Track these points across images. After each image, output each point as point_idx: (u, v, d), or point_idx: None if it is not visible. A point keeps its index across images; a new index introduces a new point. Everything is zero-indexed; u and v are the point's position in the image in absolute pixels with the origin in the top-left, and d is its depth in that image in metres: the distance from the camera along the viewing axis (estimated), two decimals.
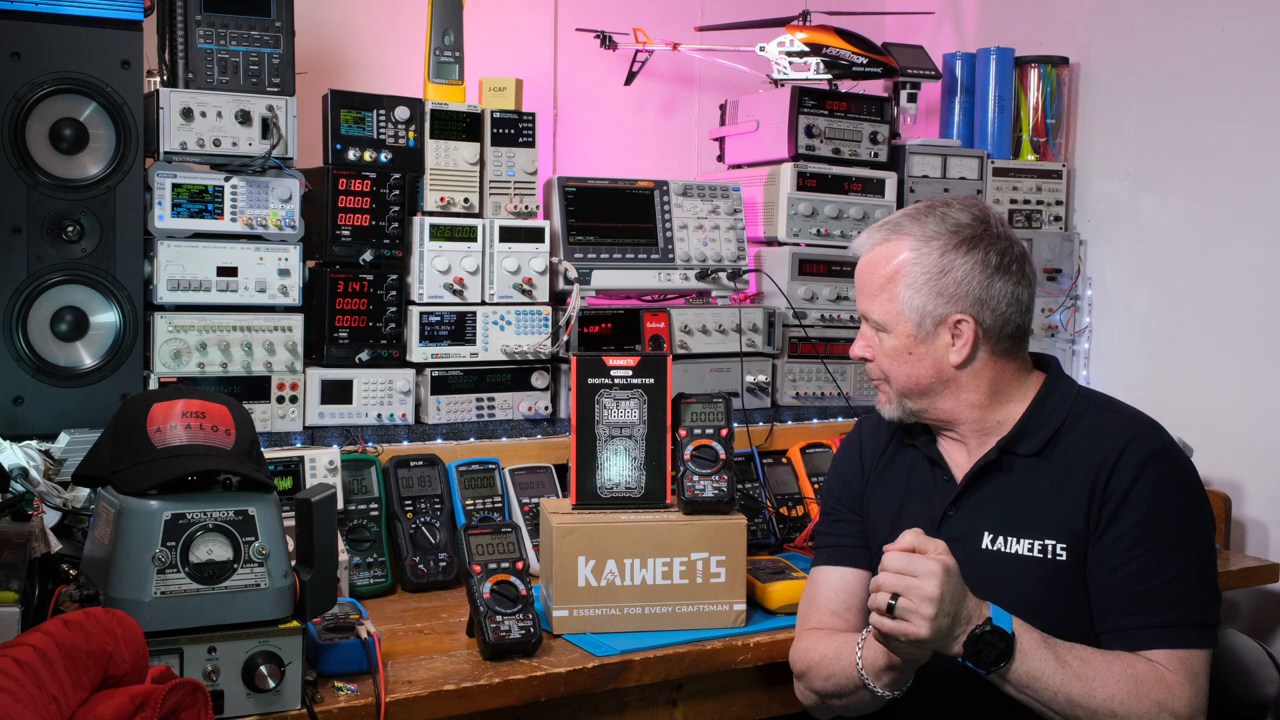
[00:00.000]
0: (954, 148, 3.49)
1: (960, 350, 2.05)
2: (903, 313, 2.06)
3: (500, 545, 2.19)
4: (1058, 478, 2.02)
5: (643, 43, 3.45)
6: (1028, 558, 2.00)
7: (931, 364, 2.07)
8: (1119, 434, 2.01)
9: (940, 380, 2.08)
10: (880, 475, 2.23)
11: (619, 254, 3.01)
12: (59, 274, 2.45)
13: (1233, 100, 3.21)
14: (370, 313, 2.78)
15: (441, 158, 2.84)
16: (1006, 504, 2.04)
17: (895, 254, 2.07)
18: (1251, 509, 3.14)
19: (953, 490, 2.09)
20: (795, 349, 3.20)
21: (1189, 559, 1.95)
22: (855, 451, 2.29)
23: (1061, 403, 2.08)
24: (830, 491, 2.31)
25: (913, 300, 2.05)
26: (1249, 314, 3.17)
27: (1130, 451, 1.98)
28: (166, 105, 2.55)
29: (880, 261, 2.09)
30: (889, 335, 2.09)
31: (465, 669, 2.07)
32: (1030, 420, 2.07)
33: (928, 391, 2.09)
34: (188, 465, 1.83)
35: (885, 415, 2.16)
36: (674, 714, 2.27)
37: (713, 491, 2.32)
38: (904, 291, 2.06)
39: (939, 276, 2.05)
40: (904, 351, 2.08)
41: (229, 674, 1.81)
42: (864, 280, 2.12)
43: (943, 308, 2.05)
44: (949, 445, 2.15)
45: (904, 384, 2.10)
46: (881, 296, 2.08)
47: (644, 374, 2.37)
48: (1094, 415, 2.07)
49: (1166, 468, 1.99)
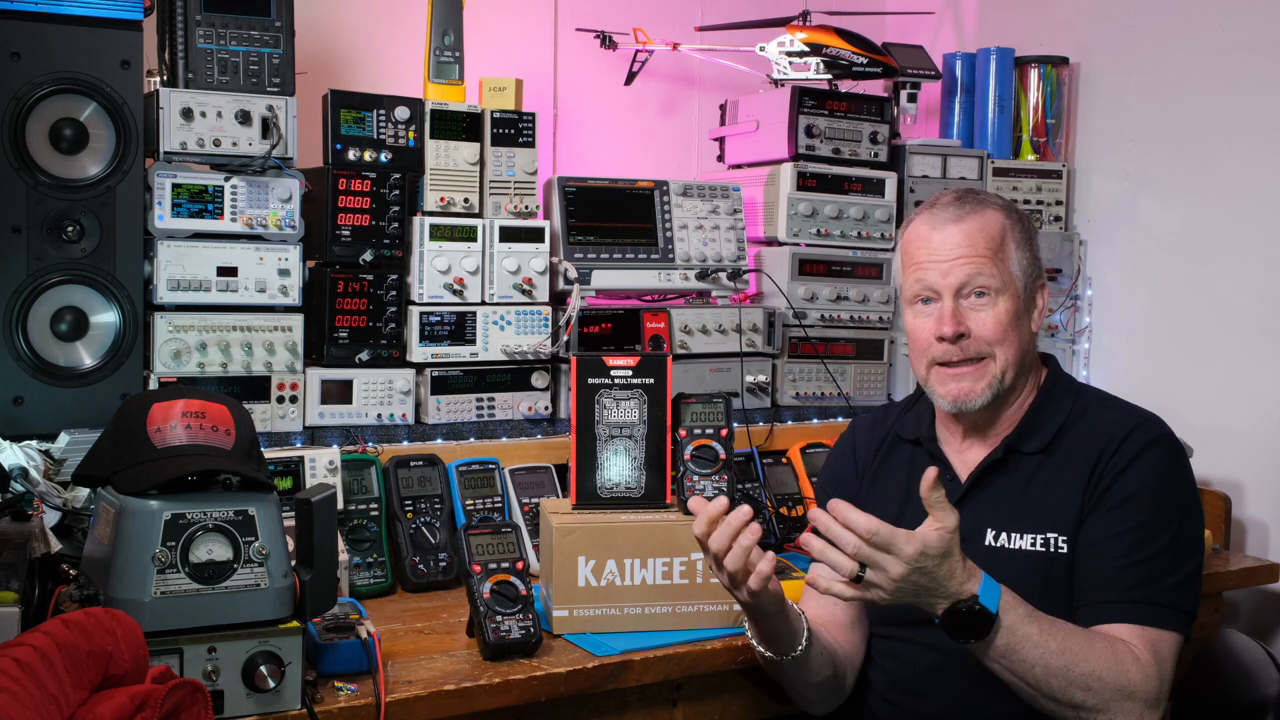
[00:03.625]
0: (954, 148, 3.49)
1: (1039, 319, 2.06)
2: (1015, 275, 2.03)
3: (500, 545, 2.19)
4: (1061, 473, 2.03)
5: (643, 43, 3.45)
6: (1031, 553, 2.00)
7: (1028, 332, 2.05)
8: (1120, 426, 2.03)
9: (1030, 351, 2.07)
10: (875, 475, 2.22)
11: (619, 254, 3.01)
12: (59, 274, 2.44)
13: (1233, 100, 3.21)
14: (370, 313, 2.78)
15: (441, 158, 2.84)
16: (1010, 501, 2.05)
17: (995, 218, 2.04)
18: (1251, 509, 3.14)
19: (957, 489, 2.09)
20: (795, 349, 3.20)
21: (1170, 542, 1.95)
22: (849, 452, 2.29)
23: (1064, 399, 2.09)
24: (824, 492, 2.30)
25: (1021, 261, 2.04)
26: (1249, 314, 3.17)
27: (1131, 439, 1.99)
28: (166, 105, 2.55)
29: (985, 225, 2.03)
30: (1002, 300, 2.02)
31: (465, 669, 2.07)
32: (1034, 417, 2.08)
33: (1024, 363, 2.05)
34: (188, 465, 1.83)
35: (971, 404, 2.05)
36: (674, 714, 2.27)
37: (713, 491, 2.32)
38: (1015, 252, 2.03)
39: (1031, 239, 2.06)
40: (1016, 317, 2.02)
41: (229, 674, 1.80)
42: (973, 244, 2.02)
43: (1037, 270, 2.06)
44: (954, 444, 2.15)
45: (1015, 354, 2.03)
46: (996, 258, 2.02)
47: (644, 374, 2.37)
48: (1095, 412, 2.08)
49: (1164, 454, 2.01)
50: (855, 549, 1.77)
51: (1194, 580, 1.98)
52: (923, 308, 2.08)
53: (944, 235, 2.04)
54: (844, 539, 1.78)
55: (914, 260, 2.08)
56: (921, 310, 2.08)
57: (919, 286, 2.07)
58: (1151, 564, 1.93)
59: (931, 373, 2.08)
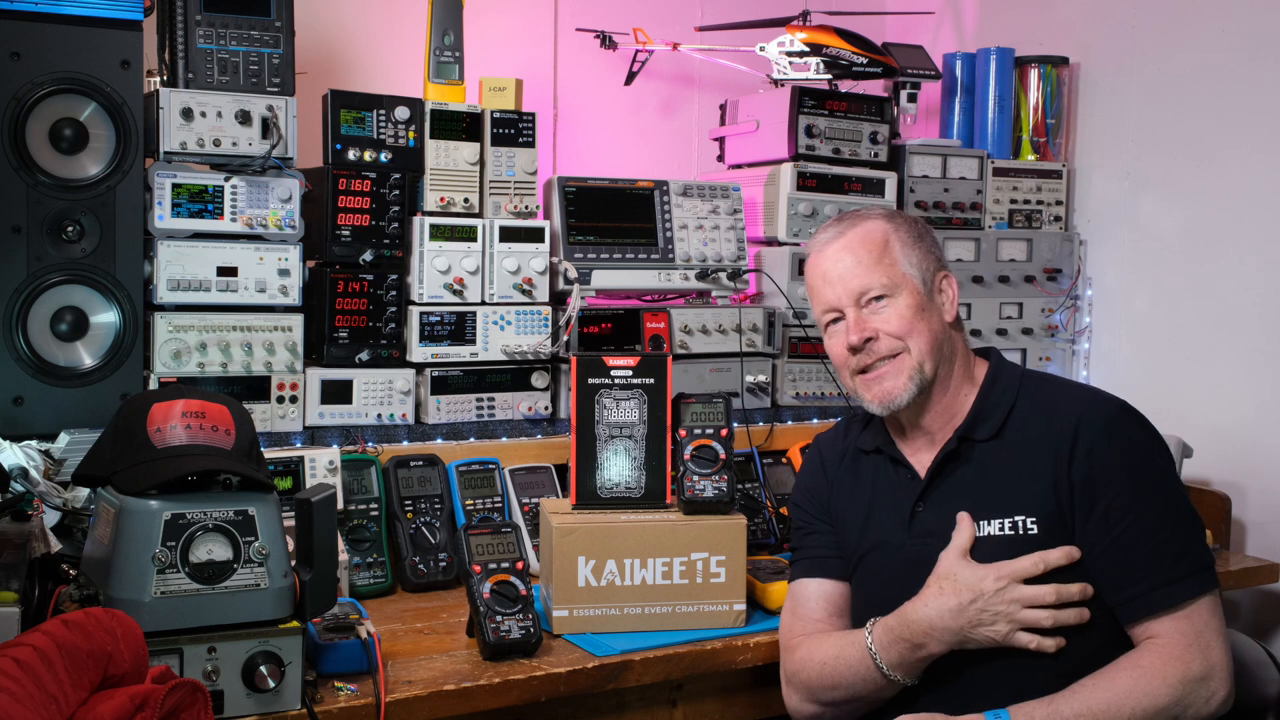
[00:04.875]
0: (954, 148, 3.49)
1: (950, 307, 2.13)
2: (906, 272, 2.10)
3: (500, 545, 2.20)
4: (1018, 456, 2.05)
5: (643, 43, 3.45)
6: (1000, 537, 2.02)
7: (939, 320, 2.12)
8: (1071, 405, 2.06)
9: (946, 339, 2.12)
10: (842, 482, 2.25)
11: (619, 254, 3.01)
12: (59, 274, 2.45)
13: (1233, 100, 3.21)
14: (370, 313, 2.78)
15: (441, 158, 2.84)
16: (971, 490, 2.07)
17: (874, 226, 2.14)
18: (1251, 509, 3.14)
19: (918, 485, 2.12)
20: (795, 349, 3.20)
21: (1176, 510, 2.00)
22: (816, 462, 2.32)
23: (1009, 385, 2.13)
24: (799, 505, 2.32)
25: (910, 257, 2.12)
26: (1249, 314, 3.17)
27: (1089, 422, 2.02)
28: (166, 105, 2.55)
29: (865, 235, 2.13)
30: (900, 298, 2.09)
31: (465, 669, 2.07)
32: (983, 405, 2.12)
33: (942, 350, 2.11)
34: (188, 465, 1.84)
35: (894, 403, 2.09)
36: (674, 714, 2.27)
37: (713, 491, 2.32)
38: (901, 252, 2.11)
39: (920, 237, 2.15)
40: (919, 309, 2.09)
41: (229, 674, 1.81)
42: (856, 255, 2.11)
43: (933, 264, 2.14)
44: (909, 446, 2.17)
45: (928, 343, 2.09)
46: (882, 263, 2.10)
47: (644, 374, 2.37)
48: (1041, 390, 2.12)
49: (1128, 428, 2.04)
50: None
51: (1199, 532, 2.02)
52: (834, 328, 2.16)
53: (830, 255, 2.14)
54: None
55: (813, 287, 2.19)
56: (834, 330, 2.16)
57: (824, 308, 2.16)
58: (1169, 543, 1.96)
59: (856, 382, 2.14)
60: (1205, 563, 1.97)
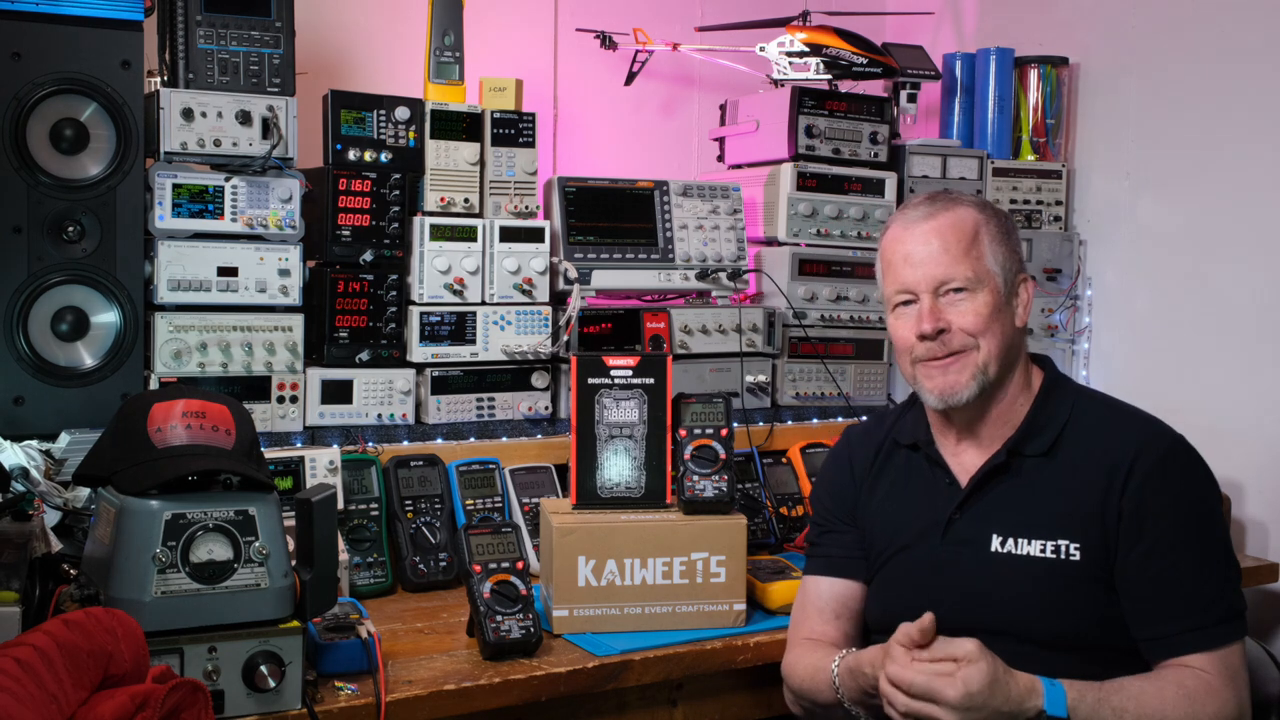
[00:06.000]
0: (954, 148, 3.49)
1: (1024, 312, 2.06)
2: (991, 269, 2.03)
3: (500, 545, 2.20)
4: (1067, 477, 2.01)
5: (643, 43, 3.46)
6: (1040, 559, 1.98)
7: (1011, 324, 2.05)
8: (1130, 434, 2.01)
9: (1015, 344, 2.06)
10: (874, 483, 2.20)
11: (619, 254, 3.01)
12: (59, 274, 2.45)
13: (1233, 100, 3.21)
14: (370, 313, 2.78)
15: (441, 158, 2.84)
16: (1015, 506, 2.03)
17: (967, 214, 2.05)
18: (1251, 509, 3.14)
19: (958, 494, 2.07)
20: (795, 349, 3.20)
21: (1218, 555, 1.97)
22: (845, 461, 2.26)
23: (1064, 401, 2.08)
24: (820, 502, 2.29)
25: (997, 254, 2.04)
26: (1249, 314, 3.17)
27: (1146, 454, 1.97)
28: (167, 105, 2.55)
29: (957, 222, 2.03)
30: (981, 293, 2.02)
31: (465, 669, 2.07)
32: (1036, 419, 2.06)
33: (1009, 355, 2.05)
34: (188, 465, 1.84)
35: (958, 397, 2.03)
36: (674, 714, 2.27)
37: (713, 491, 2.33)
38: (990, 246, 2.03)
39: (1009, 234, 2.07)
40: (997, 309, 2.02)
41: (229, 674, 1.81)
42: (945, 242, 2.02)
43: (1015, 264, 2.06)
44: (952, 447, 2.12)
45: (998, 344, 2.02)
46: (972, 253, 2.02)
47: (644, 374, 2.37)
48: (1097, 413, 2.07)
49: (1186, 465, 2.00)
50: (905, 707, 1.82)
51: (1237, 580, 1.99)
52: (903, 309, 2.07)
53: (917, 236, 2.05)
54: (895, 701, 1.84)
55: (890, 264, 2.09)
56: (903, 312, 2.08)
57: (897, 288, 2.07)
58: (1211, 584, 1.94)
59: (917, 370, 2.07)
60: (1238, 610, 1.96)
